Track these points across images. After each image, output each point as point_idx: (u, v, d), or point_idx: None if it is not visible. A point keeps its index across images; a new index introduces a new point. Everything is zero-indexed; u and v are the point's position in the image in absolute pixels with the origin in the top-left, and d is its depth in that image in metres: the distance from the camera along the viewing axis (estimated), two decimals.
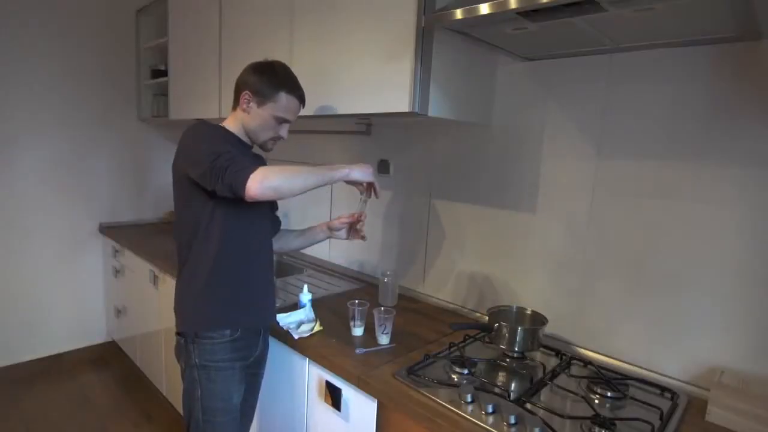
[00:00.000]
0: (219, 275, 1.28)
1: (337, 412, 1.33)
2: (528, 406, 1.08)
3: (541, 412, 1.06)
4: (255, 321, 1.37)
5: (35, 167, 2.67)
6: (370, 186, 1.33)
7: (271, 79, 1.29)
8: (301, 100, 1.35)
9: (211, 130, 1.27)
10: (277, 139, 1.36)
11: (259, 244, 1.37)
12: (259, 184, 1.09)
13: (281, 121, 1.32)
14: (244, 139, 1.35)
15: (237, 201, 1.16)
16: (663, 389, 1.21)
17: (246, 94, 1.29)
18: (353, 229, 1.52)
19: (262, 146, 1.37)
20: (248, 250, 1.33)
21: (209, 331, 1.28)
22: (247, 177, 1.09)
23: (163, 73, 2.75)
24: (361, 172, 1.27)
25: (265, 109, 1.29)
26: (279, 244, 1.57)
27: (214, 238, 1.27)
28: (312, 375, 1.42)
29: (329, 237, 1.56)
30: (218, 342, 1.28)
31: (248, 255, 1.33)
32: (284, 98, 1.29)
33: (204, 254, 1.28)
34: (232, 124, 1.33)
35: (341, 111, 1.53)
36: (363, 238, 1.51)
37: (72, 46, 2.72)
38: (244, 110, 1.31)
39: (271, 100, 1.29)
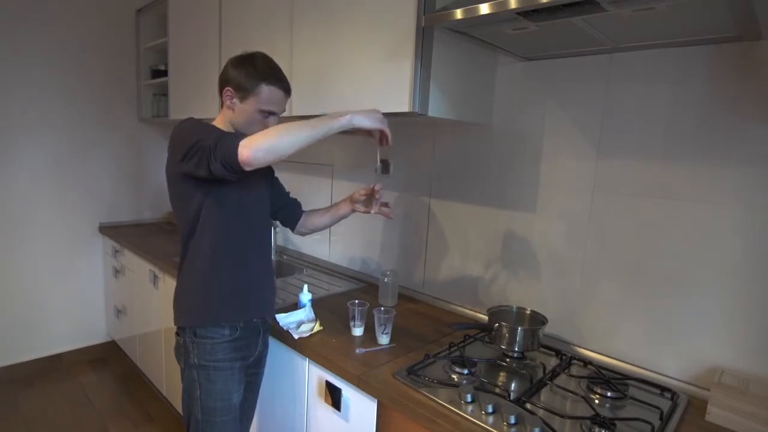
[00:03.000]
0: (217, 268, 1.28)
1: (337, 412, 1.33)
2: (528, 406, 1.08)
3: (541, 412, 1.06)
4: (254, 314, 1.36)
5: (35, 167, 2.68)
6: (382, 137, 1.25)
7: (251, 71, 1.25)
8: (286, 90, 1.31)
9: (197, 122, 1.24)
10: None
11: (257, 236, 1.37)
12: (250, 147, 1.06)
13: (267, 113, 1.29)
14: None
15: (237, 187, 1.18)
16: (663, 389, 1.21)
17: (228, 91, 1.28)
18: (374, 200, 1.42)
19: None
20: (246, 243, 1.32)
21: (208, 326, 1.28)
22: (237, 144, 1.07)
23: (163, 73, 2.75)
24: (367, 118, 1.16)
25: (249, 104, 1.27)
26: (306, 225, 1.56)
27: (211, 232, 1.27)
28: (312, 375, 1.42)
29: (354, 211, 1.48)
30: (218, 342, 1.28)
31: (246, 248, 1.32)
32: (266, 90, 1.26)
33: (202, 248, 1.28)
34: (221, 122, 1.32)
35: None
36: (387, 213, 1.43)
37: (72, 46, 2.72)
38: (228, 107, 1.30)
39: (253, 94, 1.26)
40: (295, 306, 1.63)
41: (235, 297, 1.31)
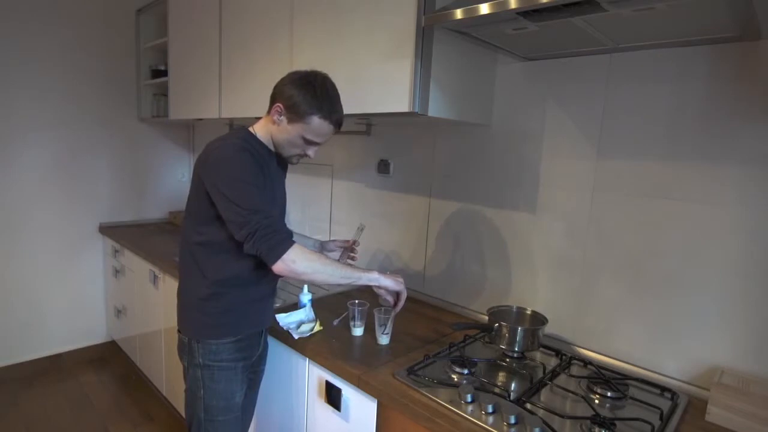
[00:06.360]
0: (228, 288, 1.27)
1: (337, 412, 1.33)
2: (528, 406, 1.08)
3: (541, 412, 1.06)
4: (259, 326, 1.38)
5: (35, 167, 2.68)
6: (397, 297, 1.35)
7: (307, 98, 1.19)
8: (337, 124, 1.25)
9: (243, 162, 1.18)
10: (302, 156, 1.31)
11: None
12: (287, 268, 1.15)
13: (310, 142, 1.25)
14: (270, 146, 1.30)
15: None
16: (663, 389, 1.21)
17: (278, 106, 1.22)
18: (346, 253, 1.62)
19: (287, 159, 1.33)
20: (258, 271, 1.28)
21: (211, 338, 1.28)
22: (280, 256, 1.15)
23: (163, 73, 2.75)
24: (392, 281, 1.31)
25: (295, 128, 1.22)
26: None
27: (225, 259, 1.24)
28: (312, 375, 1.42)
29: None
30: (222, 343, 1.28)
31: (258, 276, 1.29)
32: (317, 122, 1.20)
33: (213, 270, 1.25)
34: (262, 129, 1.28)
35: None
36: (354, 260, 1.62)
37: (72, 46, 2.72)
38: (274, 121, 1.25)
39: (303, 121, 1.20)
40: (295, 306, 1.63)
41: (243, 317, 1.30)
